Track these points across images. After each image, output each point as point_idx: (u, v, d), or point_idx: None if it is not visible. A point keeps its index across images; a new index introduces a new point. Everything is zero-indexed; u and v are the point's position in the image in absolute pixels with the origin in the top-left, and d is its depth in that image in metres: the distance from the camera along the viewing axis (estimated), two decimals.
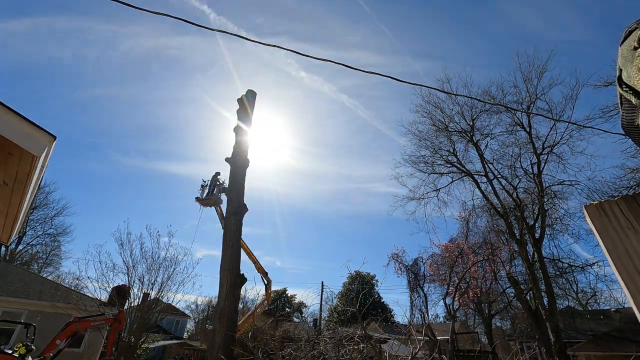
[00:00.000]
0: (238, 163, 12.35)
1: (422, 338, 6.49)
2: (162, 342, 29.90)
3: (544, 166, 19.10)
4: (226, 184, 13.74)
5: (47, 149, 2.94)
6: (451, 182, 21.53)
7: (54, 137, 2.94)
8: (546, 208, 18.76)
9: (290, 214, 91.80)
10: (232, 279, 10.08)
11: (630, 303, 0.70)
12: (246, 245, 15.66)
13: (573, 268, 18.85)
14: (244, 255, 12.48)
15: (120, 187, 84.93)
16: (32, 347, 8.72)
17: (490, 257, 19.05)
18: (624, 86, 0.64)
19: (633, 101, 0.61)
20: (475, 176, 20.64)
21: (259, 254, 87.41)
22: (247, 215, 11.99)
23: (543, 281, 17.62)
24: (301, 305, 50.91)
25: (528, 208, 19.98)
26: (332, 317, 43.94)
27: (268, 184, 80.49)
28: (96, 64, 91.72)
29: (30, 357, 8.46)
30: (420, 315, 18.79)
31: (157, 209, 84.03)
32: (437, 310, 62.34)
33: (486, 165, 20.34)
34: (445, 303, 18.43)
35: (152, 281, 16.18)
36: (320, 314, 32.10)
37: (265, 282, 18.59)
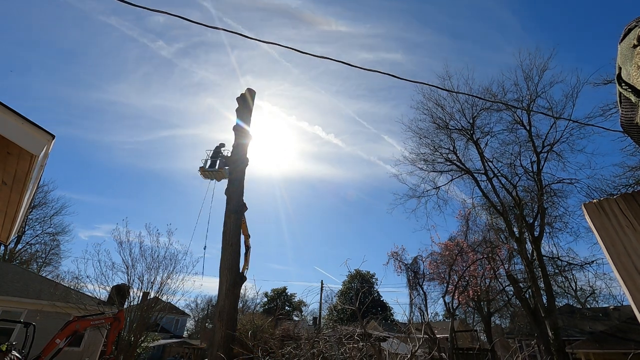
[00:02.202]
0: (237, 162, 12.35)
1: (421, 336, 6.51)
2: (162, 341, 29.94)
3: (544, 164, 19.15)
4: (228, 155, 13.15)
5: (46, 148, 2.94)
6: (451, 180, 21.59)
7: (53, 136, 2.94)
8: (545, 206, 18.81)
9: (290, 211, 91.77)
10: (231, 277, 10.10)
11: (629, 301, 0.70)
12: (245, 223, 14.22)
13: (572, 266, 18.91)
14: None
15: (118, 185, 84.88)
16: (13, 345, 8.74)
17: (489, 255, 19.09)
18: (623, 84, 0.63)
19: (632, 99, 0.61)
20: (475, 174, 20.68)
21: (261, 253, 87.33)
22: (246, 213, 12.04)
23: (542, 279, 17.68)
24: (301, 303, 50.99)
25: (527, 206, 20.04)
26: (331, 315, 44.05)
27: (268, 183, 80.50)
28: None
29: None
30: (420, 313, 18.81)
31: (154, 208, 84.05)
32: (436, 308, 62.56)
33: (486, 164, 20.38)
34: (444, 301, 18.50)
35: (152, 280, 16.20)
36: (320, 313, 32.15)
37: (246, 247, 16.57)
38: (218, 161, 14.12)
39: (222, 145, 14.65)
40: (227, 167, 13.51)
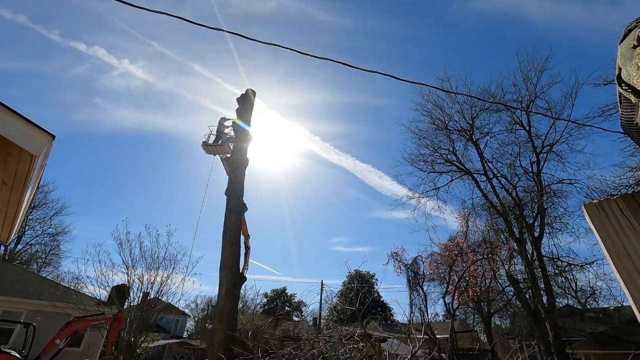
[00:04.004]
0: (238, 162, 12.36)
1: (421, 337, 6.51)
2: (161, 342, 29.91)
3: (544, 165, 19.16)
4: (232, 133, 13.26)
5: (46, 148, 2.94)
6: (451, 181, 21.60)
7: (53, 137, 2.94)
8: (545, 207, 18.81)
9: (292, 209, 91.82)
10: (231, 278, 10.10)
11: (629, 302, 0.70)
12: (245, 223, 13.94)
13: (572, 267, 18.90)
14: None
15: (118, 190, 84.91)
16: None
17: (489, 255, 19.08)
18: (623, 85, 0.64)
19: (632, 100, 0.61)
20: (474, 175, 20.69)
21: (255, 249, 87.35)
22: (246, 213, 12.05)
23: (542, 280, 17.67)
24: (301, 304, 50.98)
25: (527, 207, 20.02)
26: (331, 316, 44.02)
27: (268, 182, 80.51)
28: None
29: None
30: (420, 314, 18.81)
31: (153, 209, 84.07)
32: (436, 309, 62.34)
33: (485, 164, 20.40)
34: (444, 302, 18.45)
35: (152, 280, 16.20)
36: (320, 313, 32.17)
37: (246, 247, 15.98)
38: (222, 135, 13.78)
39: (224, 119, 14.34)
40: (230, 145, 13.40)
